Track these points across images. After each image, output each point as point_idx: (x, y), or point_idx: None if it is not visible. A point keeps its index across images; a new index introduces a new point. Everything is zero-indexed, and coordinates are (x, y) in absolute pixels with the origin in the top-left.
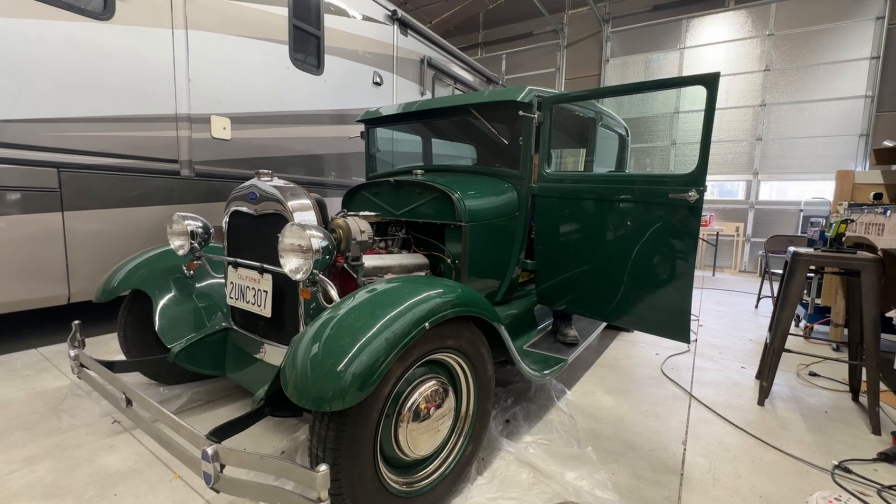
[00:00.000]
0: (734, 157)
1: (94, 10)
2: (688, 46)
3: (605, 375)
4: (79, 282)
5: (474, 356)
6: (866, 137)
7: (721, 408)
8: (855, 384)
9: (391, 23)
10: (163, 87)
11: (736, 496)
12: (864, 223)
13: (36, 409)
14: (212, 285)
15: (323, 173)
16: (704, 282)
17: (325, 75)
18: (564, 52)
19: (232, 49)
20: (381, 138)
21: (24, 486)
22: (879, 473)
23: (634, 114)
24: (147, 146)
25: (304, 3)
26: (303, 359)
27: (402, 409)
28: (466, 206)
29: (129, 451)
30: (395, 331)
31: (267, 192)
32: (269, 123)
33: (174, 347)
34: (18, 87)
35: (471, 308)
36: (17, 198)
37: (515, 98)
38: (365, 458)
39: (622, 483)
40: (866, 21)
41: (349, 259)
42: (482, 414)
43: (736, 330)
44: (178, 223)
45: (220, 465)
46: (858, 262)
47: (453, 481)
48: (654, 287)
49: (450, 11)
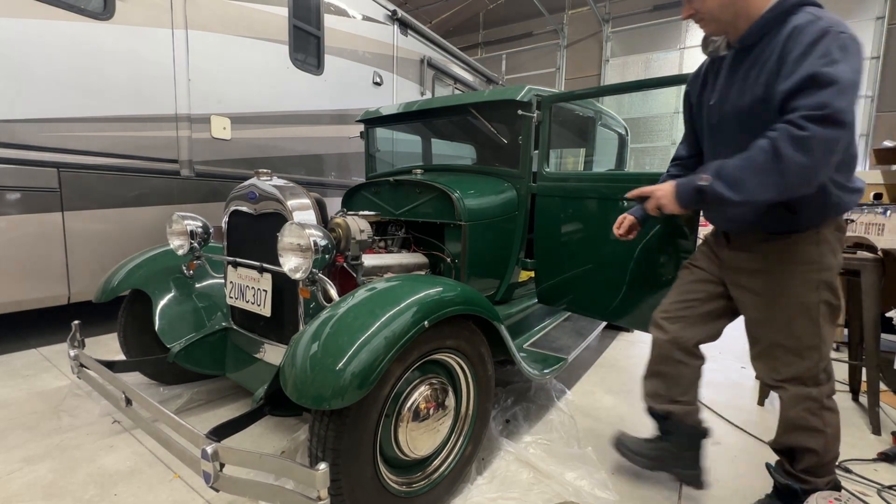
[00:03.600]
0: None
1: (94, 10)
2: (688, 46)
3: (605, 375)
4: (79, 282)
5: (474, 356)
6: (866, 137)
7: (721, 408)
8: (855, 384)
9: (391, 23)
10: (163, 87)
11: (736, 496)
12: (864, 223)
13: (36, 409)
14: (211, 285)
15: (323, 173)
16: None
17: (325, 75)
18: (564, 52)
19: (232, 49)
20: (380, 138)
21: (24, 486)
22: (879, 473)
23: (634, 114)
24: (147, 146)
25: (304, 3)
26: (302, 357)
27: (401, 409)
28: (466, 205)
29: (129, 451)
30: (394, 329)
31: (266, 192)
32: (269, 123)
33: (174, 347)
34: (18, 87)
35: (470, 307)
36: (17, 198)
37: (515, 97)
38: (364, 457)
39: (622, 483)
40: (866, 21)
41: (349, 258)
42: (482, 414)
43: (736, 330)
44: (178, 223)
45: (219, 464)
46: (858, 262)
47: (453, 481)
48: (653, 286)
49: (450, 11)
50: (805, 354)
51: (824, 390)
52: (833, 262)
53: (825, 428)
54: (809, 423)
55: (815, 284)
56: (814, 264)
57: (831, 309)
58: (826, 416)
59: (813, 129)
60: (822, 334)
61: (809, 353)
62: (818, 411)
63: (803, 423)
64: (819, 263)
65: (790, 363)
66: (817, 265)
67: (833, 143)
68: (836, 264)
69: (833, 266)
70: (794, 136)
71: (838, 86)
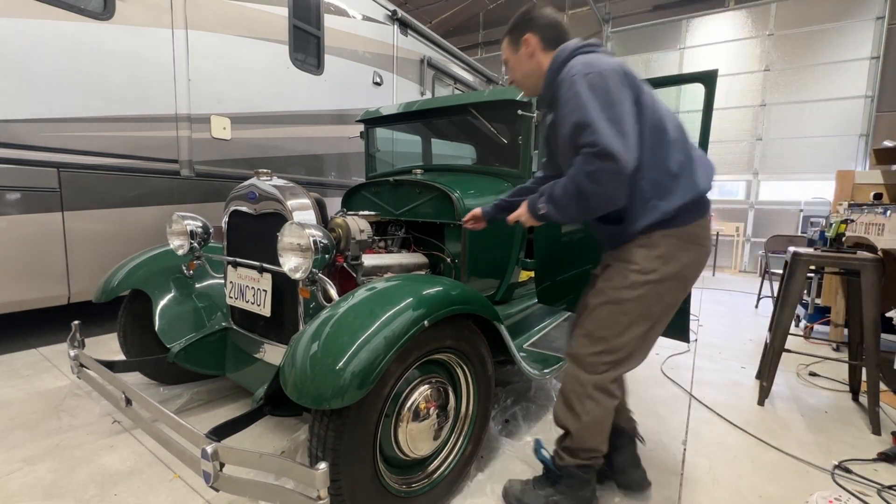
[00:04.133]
0: (734, 157)
1: (94, 10)
2: (688, 46)
3: None
4: (79, 282)
5: (474, 356)
6: (866, 137)
7: (721, 408)
8: (855, 384)
9: (391, 23)
10: (163, 87)
11: (736, 496)
12: (864, 223)
13: (36, 409)
14: (211, 285)
15: (323, 173)
16: (704, 282)
17: (325, 75)
18: None
19: (232, 49)
20: (380, 138)
21: (24, 486)
22: (879, 473)
23: None
24: (147, 146)
25: (304, 3)
26: (302, 357)
27: (401, 409)
28: (466, 205)
29: (129, 450)
30: (394, 329)
31: (266, 192)
32: (269, 123)
33: (174, 347)
34: (18, 87)
35: (470, 306)
36: (17, 198)
37: (515, 97)
38: (364, 457)
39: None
40: (866, 21)
41: (349, 258)
42: (482, 414)
43: (736, 330)
44: (178, 223)
45: (219, 463)
46: (858, 262)
47: (453, 481)
48: None
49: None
50: (595, 340)
51: (595, 380)
52: (659, 268)
53: (583, 415)
54: (572, 403)
55: (631, 283)
56: (635, 265)
57: (645, 313)
58: (588, 404)
59: (597, 164)
60: (620, 330)
61: (599, 341)
62: (582, 397)
63: (567, 402)
64: (640, 266)
65: (580, 342)
66: (638, 267)
67: (614, 171)
68: (666, 271)
69: (657, 270)
70: (584, 170)
71: (592, 126)
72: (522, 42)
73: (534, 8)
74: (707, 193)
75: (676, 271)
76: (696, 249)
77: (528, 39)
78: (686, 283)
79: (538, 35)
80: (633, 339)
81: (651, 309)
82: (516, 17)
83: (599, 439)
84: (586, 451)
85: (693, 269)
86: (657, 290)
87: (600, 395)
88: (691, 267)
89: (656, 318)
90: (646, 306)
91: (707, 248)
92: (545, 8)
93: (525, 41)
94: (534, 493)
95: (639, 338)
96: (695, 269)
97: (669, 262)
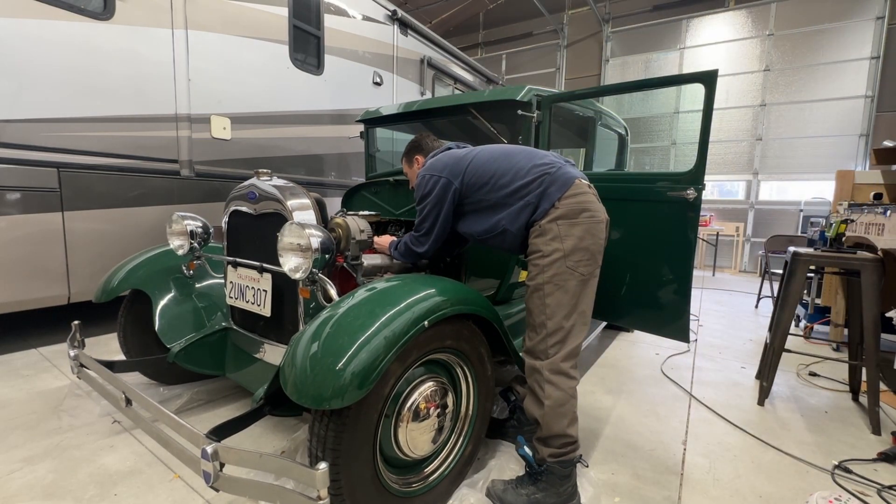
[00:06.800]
0: (734, 157)
1: (93, 10)
2: (688, 46)
3: (605, 375)
4: (79, 282)
5: (473, 356)
6: (866, 137)
7: (721, 408)
8: (855, 384)
9: (391, 23)
10: (163, 87)
11: (736, 496)
12: (864, 223)
13: (36, 409)
14: (211, 285)
15: (323, 173)
16: (704, 282)
17: (325, 75)
18: (564, 52)
19: (232, 49)
20: (380, 138)
21: (24, 486)
22: (879, 473)
23: (634, 114)
24: (147, 146)
25: (304, 3)
26: (302, 357)
27: (401, 409)
28: None
29: (129, 450)
30: (394, 329)
31: (266, 192)
32: (269, 123)
33: (174, 347)
34: (18, 87)
35: (470, 306)
36: (17, 198)
37: (514, 97)
38: (364, 457)
39: (622, 483)
40: (866, 21)
41: (348, 258)
42: (482, 414)
43: (736, 330)
44: (178, 223)
45: (219, 463)
46: (858, 262)
47: (452, 481)
48: (653, 286)
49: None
50: (537, 330)
51: (548, 364)
52: (559, 246)
53: (545, 399)
54: (535, 392)
55: (542, 268)
56: (538, 252)
57: (565, 288)
58: (547, 388)
59: (421, 240)
60: (551, 312)
61: (539, 327)
62: (542, 383)
63: (532, 392)
64: (542, 251)
65: (527, 336)
66: (541, 252)
67: (428, 243)
68: (566, 247)
69: (558, 248)
70: (413, 239)
71: (421, 216)
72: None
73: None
74: (549, 177)
75: (574, 244)
76: (585, 220)
77: (418, 158)
78: (592, 253)
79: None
80: (565, 316)
81: (567, 283)
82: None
83: (565, 423)
84: (556, 437)
85: (591, 239)
86: (566, 265)
87: (557, 378)
88: (588, 237)
89: (577, 290)
90: (562, 283)
91: (595, 213)
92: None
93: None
94: (515, 492)
95: (570, 313)
96: (592, 238)
97: (565, 240)
